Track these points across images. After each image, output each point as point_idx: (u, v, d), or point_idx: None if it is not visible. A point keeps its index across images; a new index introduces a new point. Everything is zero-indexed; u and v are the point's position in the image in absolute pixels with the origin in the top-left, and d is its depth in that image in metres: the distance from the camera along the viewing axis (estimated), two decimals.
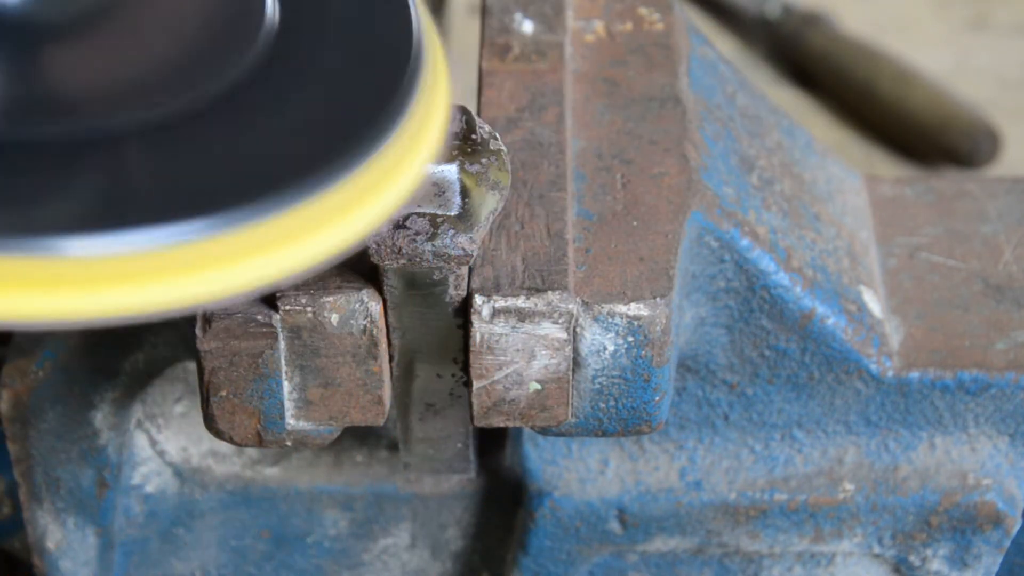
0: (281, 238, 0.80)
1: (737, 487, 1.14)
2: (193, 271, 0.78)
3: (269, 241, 0.79)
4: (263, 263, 0.80)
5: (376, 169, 0.83)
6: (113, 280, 0.77)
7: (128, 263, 0.77)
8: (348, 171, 0.82)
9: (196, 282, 0.78)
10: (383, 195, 0.84)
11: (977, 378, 1.11)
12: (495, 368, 0.99)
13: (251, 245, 0.79)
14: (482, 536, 1.21)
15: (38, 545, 1.19)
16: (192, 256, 0.78)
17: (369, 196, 0.83)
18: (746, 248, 1.06)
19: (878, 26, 2.05)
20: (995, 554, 1.16)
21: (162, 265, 0.77)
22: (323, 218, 0.81)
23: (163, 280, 0.77)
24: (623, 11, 1.16)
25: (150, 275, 0.77)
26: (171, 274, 0.78)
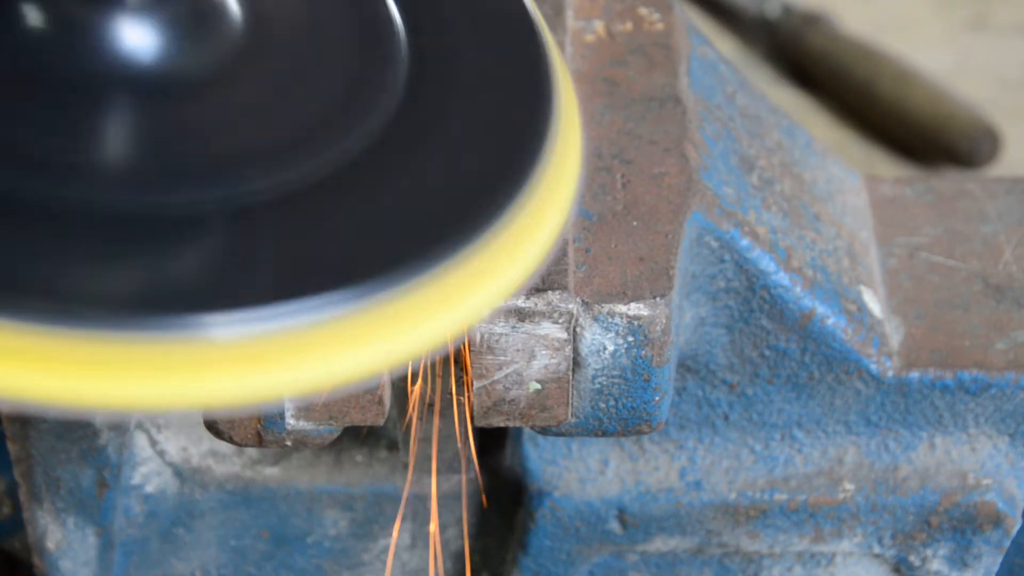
0: (406, 317, 0.76)
1: (737, 487, 1.14)
2: (323, 352, 0.74)
3: (393, 322, 0.76)
4: (387, 345, 0.75)
5: (497, 244, 0.79)
6: (253, 362, 0.73)
7: (268, 343, 0.73)
8: (464, 248, 0.78)
9: (326, 364, 0.74)
10: (503, 270, 0.79)
11: (977, 378, 1.11)
12: (495, 368, 0.99)
13: (377, 326, 0.75)
14: (482, 536, 1.21)
15: (38, 545, 1.19)
16: (322, 337, 0.74)
17: (489, 273, 0.79)
18: (746, 248, 1.06)
19: (878, 26, 2.05)
20: (995, 554, 1.16)
21: (291, 346, 0.73)
22: (444, 297, 0.77)
23: (294, 362, 0.73)
24: (623, 11, 1.16)
25: (281, 357, 0.73)
26: (301, 355, 0.73)
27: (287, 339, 0.73)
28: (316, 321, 0.73)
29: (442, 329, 0.76)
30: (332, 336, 0.74)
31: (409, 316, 0.75)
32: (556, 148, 0.84)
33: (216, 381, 0.72)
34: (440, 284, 0.76)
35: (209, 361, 0.72)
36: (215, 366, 0.72)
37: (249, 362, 0.72)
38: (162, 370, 0.72)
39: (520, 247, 0.80)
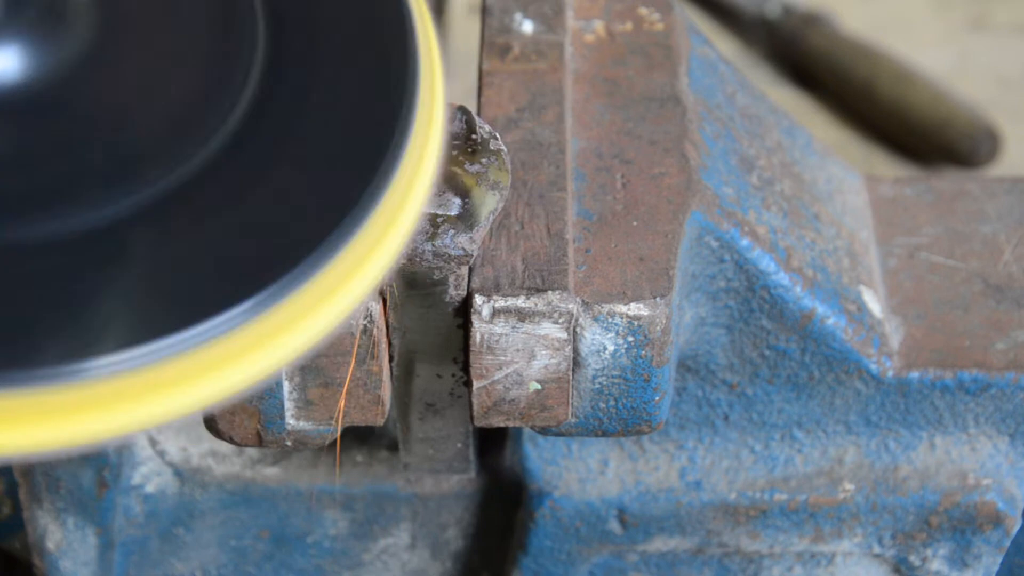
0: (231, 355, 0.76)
1: (737, 487, 1.14)
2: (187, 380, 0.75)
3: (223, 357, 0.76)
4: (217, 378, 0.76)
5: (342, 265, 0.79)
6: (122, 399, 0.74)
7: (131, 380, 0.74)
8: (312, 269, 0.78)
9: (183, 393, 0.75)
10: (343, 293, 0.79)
11: (977, 378, 1.11)
12: (495, 368, 0.99)
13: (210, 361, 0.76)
14: (482, 536, 1.21)
15: (38, 545, 1.19)
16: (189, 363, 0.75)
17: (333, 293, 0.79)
18: (746, 248, 1.06)
19: (878, 26, 2.05)
20: (995, 554, 1.16)
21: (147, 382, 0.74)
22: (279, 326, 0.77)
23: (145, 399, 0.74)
24: (623, 11, 1.16)
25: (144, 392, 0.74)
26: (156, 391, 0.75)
27: (138, 378, 0.74)
28: (160, 358, 0.74)
29: (288, 352, 0.77)
30: (185, 367, 0.75)
31: (255, 341, 0.76)
32: (415, 142, 0.83)
33: (81, 423, 0.74)
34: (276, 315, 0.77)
35: (74, 405, 0.73)
36: (79, 409, 0.73)
37: (114, 400, 0.74)
38: (35, 417, 0.73)
39: (351, 275, 0.80)
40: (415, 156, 0.83)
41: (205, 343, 0.76)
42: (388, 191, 0.81)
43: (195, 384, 0.76)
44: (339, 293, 0.79)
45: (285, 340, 0.78)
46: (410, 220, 0.83)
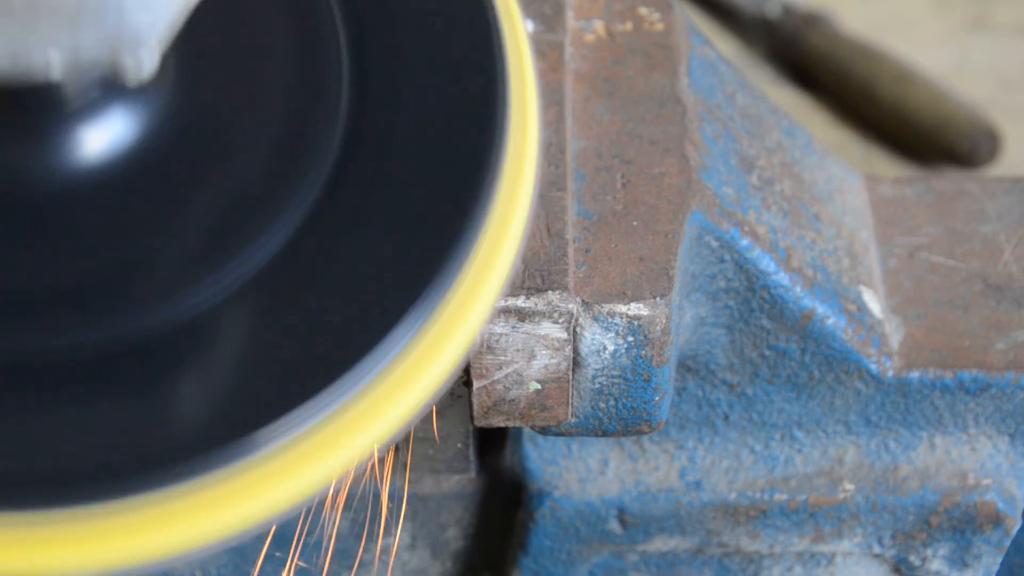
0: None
1: (737, 487, 1.14)
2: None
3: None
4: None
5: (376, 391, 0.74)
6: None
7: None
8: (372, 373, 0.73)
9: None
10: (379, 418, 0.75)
11: (977, 378, 1.11)
12: (495, 368, 0.99)
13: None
14: (482, 536, 1.21)
15: None
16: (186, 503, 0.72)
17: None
18: (746, 248, 1.06)
19: (878, 26, 2.05)
20: (995, 554, 1.16)
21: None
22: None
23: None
24: (623, 11, 1.16)
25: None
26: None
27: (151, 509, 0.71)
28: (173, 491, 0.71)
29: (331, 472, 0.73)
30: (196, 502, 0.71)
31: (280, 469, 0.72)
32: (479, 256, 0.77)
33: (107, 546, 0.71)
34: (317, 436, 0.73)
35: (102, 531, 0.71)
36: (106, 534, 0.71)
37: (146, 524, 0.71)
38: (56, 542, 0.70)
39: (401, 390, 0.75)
40: (496, 226, 0.79)
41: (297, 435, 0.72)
42: (461, 275, 0.77)
43: (284, 482, 0.72)
44: (414, 380, 0.76)
45: (360, 437, 0.74)
46: (487, 300, 0.79)
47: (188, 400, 0.74)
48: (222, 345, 0.75)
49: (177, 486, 0.71)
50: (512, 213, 0.80)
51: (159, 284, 0.75)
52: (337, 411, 0.73)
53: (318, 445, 0.73)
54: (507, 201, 0.80)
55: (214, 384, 0.74)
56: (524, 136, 0.82)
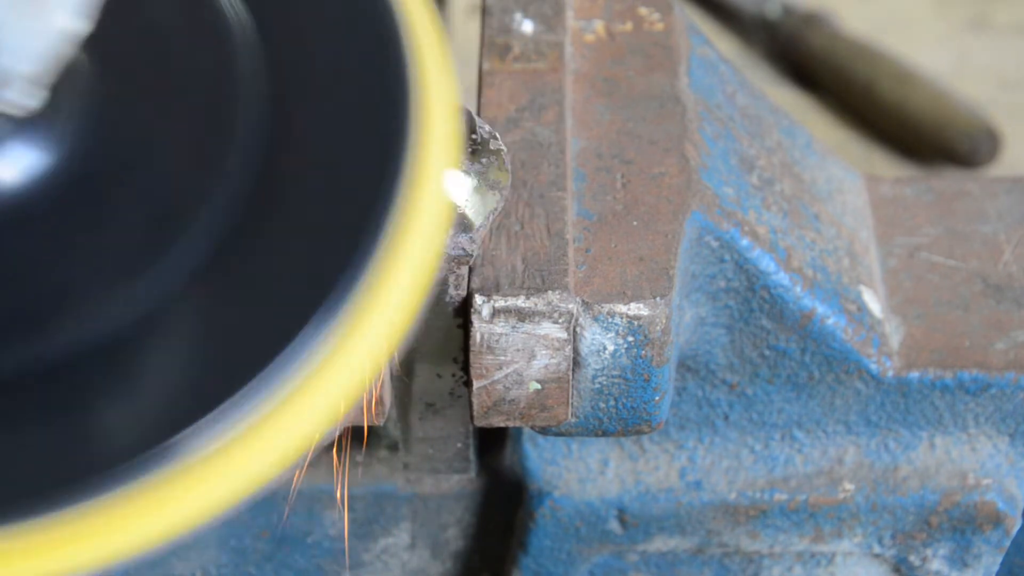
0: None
1: (737, 487, 1.14)
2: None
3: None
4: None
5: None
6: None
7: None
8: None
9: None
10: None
11: (977, 378, 1.11)
12: (495, 368, 0.99)
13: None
14: (482, 536, 1.21)
15: None
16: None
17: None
18: (746, 248, 1.06)
19: (878, 26, 2.05)
20: (995, 554, 1.16)
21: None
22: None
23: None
24: (623, 11, 1.16)
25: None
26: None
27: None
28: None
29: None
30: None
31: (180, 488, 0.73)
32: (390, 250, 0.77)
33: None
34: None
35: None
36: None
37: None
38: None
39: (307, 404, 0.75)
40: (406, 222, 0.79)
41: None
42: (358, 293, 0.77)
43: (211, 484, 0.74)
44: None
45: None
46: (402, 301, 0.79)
47: (109, 415, 0.75)
48: (139, 360, 0.77)
49: (99, 499, 0.73)
50: (420, 215, 0.80)
51: (74, 305, 0.77)
52: (257, 413, 0.75)
53: (240, 447, 0.74)
54: (413, 201, 0.80)
55: (133, 398, 0.76)
56: (431, 132, 0.82)
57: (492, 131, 0.97)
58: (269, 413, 0.75)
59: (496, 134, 0.97)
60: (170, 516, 0.74)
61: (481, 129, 0.97)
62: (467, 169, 0.95)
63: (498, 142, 0.97)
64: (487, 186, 0.95)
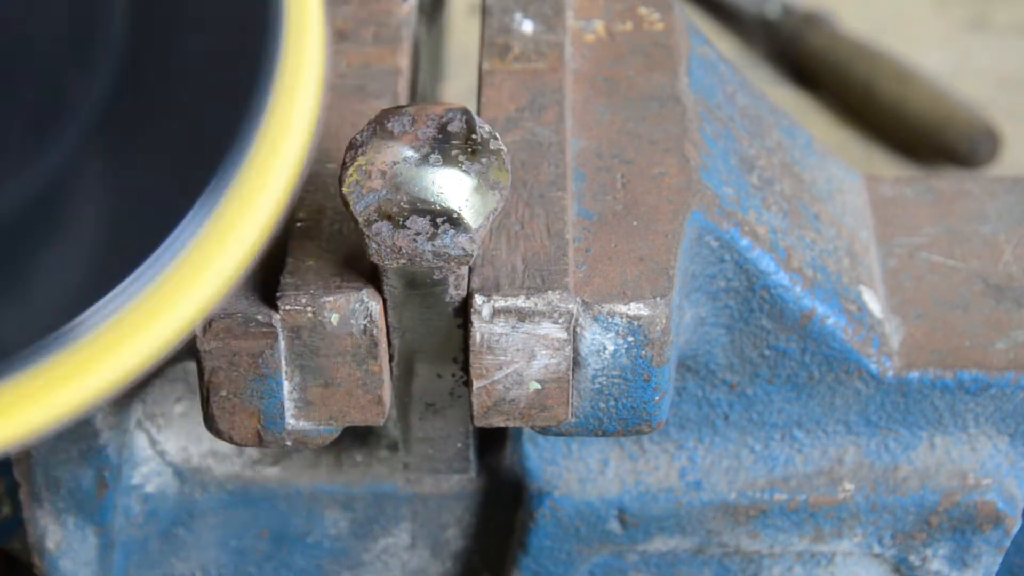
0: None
1: (737, 487, 1.14)
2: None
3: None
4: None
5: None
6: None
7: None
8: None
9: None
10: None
11: (977, 378, 1.11)
12: (495, 368, 0.99)
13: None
14: (482, 536, 1.21)
15: (38, 545, 1.19)
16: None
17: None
18: (746, 248, 1.06)
19: (878, 26, 2.05)
20: (995, 554, 1.16)
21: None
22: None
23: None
24: (623, 11, 1.16)
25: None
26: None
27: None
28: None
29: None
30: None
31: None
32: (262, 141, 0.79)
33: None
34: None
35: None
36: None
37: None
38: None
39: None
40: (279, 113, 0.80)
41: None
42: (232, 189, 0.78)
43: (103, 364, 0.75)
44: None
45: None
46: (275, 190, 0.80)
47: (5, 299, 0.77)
48: (28, 244, 0.78)
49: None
50: (293, 107, 0.81)
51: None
52: (143, 294, 0.76)
53: (128, 329, 0.76)
54: (287, 96, 0.81)
55: (25, 285, 0.77)
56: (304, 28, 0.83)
57: (492, 131, 0.97)
58: (162, 285, 0.76)
59: (496, 134, 0.97)
60: (72, 394, 0.75)
61: (481, 129, 0.97)
62: (467, 169, 0.95)
63: (498, 142, 0.97)
64: (487, 186, 0.95)
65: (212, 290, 0.78)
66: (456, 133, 0.96)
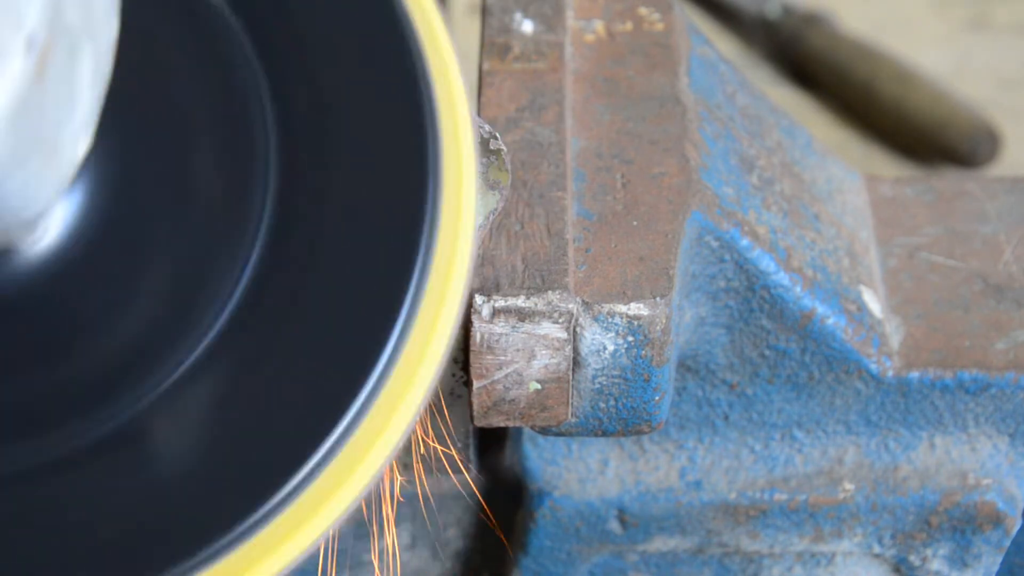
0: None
1: (737, 487, 1.14)
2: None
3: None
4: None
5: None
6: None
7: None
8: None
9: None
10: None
11: (977, 378, 1.11)
12: (495, 368, 0.99)
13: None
14: (482, 536, 1.21)
15: None
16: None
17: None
18: (746, 248, 1.06)
19: (878, 26, 2.05)
20: (995, 554, 1.16)
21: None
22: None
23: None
24: (623, 11, 1.16)
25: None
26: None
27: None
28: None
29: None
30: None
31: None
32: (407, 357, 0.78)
33: None
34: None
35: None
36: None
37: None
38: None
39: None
40: (425, 321, 0.79)
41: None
42: (391, 379, 0.77)
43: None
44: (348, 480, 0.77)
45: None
46: (419, 394, 0.79)
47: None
48: (155, 454, 0.76)
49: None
50: (441, 311, 0.81)
51: (92, 396, 0.76)
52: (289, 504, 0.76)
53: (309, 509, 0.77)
54: (436, 298, 0.81)
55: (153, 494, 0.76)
56: (455, 242, 0.82)
57: (492, 131, 0.97)
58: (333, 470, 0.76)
59: (496, 134, 0.97)
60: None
61: (481, 129, 0.97)
62: None
63: (498, 142, 0.97)
64: (487, 186, 0.95)
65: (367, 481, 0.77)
66: None
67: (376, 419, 0.77)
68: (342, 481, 0.76)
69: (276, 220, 0.79)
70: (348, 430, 0.76)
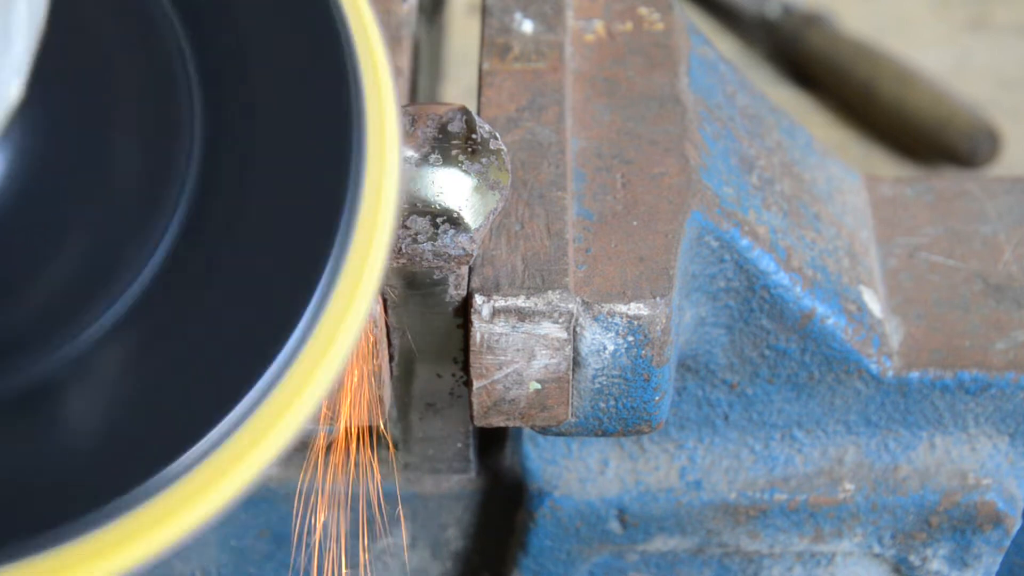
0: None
1: (737, 487, 1.14)
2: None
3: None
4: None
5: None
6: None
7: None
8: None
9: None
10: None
11: (977, 378, 1.11)
12: (495, 368, 0.99)
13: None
14: (482, 536, 1.21)
15: None
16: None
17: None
18: (746, 248, 1.06)
19: (878, 26, 2.05)
20: (995, 554, 1.16)
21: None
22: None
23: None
24: (623, 11, 1.16)
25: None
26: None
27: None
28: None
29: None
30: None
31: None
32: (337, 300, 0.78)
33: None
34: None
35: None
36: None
37: None
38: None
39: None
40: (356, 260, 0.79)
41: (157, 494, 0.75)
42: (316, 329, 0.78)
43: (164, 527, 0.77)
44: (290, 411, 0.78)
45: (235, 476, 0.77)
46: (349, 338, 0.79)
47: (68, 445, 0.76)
48: (80, 401, 0.77)
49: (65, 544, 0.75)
50: (365, 267, 0.81)
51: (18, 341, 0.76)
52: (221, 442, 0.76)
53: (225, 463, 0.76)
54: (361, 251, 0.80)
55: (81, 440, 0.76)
56: (379, 192, 0.82)
57: (492, 131, 0.97)
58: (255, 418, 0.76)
59: (496, 134, 0.97)
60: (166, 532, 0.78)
61: (481, 129, 0.97)
62: (467, 169, 0.95)
63: (498, 142, 0.97)
64: (487, 186, 0.95)
65: (291, 432, 0.77)
66: (456, 133, 0.96)
67: (298, 375, 0.78)
68: (260, 439, 0.77)
69: (200, 181, 0.80)
70: (269, 386, 0.77)
